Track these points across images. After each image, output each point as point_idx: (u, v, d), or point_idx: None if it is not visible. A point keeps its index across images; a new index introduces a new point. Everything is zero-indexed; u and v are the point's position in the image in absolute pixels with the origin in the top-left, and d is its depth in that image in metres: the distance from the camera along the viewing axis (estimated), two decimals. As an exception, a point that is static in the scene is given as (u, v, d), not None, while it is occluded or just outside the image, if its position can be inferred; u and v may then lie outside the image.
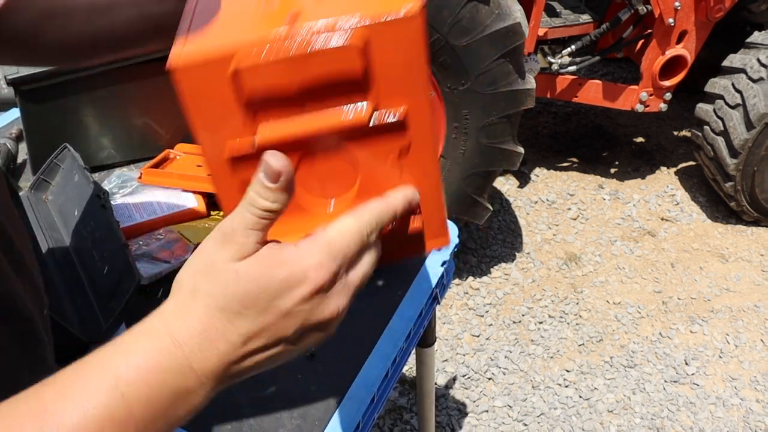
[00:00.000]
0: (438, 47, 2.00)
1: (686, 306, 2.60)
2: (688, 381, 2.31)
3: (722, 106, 2.72)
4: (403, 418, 2.15)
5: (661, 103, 2.86)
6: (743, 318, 2.54)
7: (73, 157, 1.24)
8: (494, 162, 2.25)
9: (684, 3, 2.60)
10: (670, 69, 2.76)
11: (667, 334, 2.47)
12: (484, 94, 2.10)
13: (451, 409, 2.19)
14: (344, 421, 0.91)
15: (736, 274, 2.73)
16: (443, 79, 2.08)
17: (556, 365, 2.35)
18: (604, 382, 2.30)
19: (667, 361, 2.37)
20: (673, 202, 3.10)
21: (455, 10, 1.93)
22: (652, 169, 3.31)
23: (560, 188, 3.16)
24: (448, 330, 2.45)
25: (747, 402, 2.25)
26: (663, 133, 3.57)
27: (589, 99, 2.90)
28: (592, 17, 2.84)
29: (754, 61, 2.66)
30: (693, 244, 2.88)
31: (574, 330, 2.48)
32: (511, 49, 2.03)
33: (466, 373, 2.30)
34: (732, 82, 2.71)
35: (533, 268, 2.73)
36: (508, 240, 2.86)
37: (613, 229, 2.95)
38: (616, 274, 2.72)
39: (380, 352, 1.00)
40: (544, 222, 2.97)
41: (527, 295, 2.62)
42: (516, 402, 2.22)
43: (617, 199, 3.11)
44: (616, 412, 2.21)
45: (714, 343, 2.45)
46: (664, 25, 2.64)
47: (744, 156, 2.68)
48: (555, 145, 3.45)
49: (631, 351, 2.40)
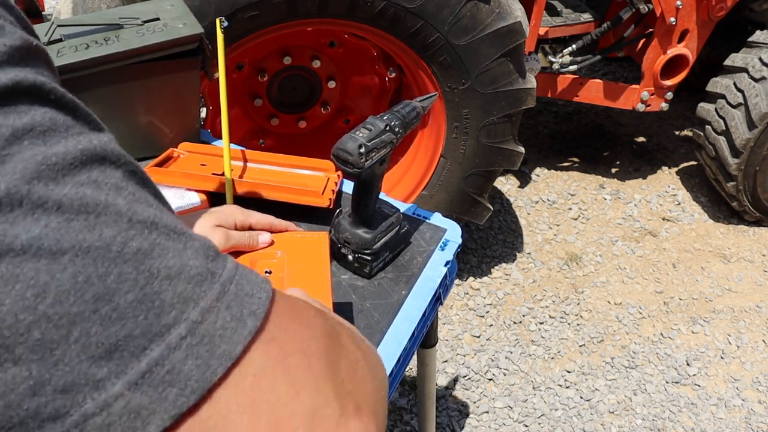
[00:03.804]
0: (438, 46, 1.99)
1: (688, 306, 2.59)
2: (689, 382, 2.31)
3: (724, 105, 2.71)
4: (403, 419, 2.14)
5: (663, 103, 2.85)
6: (745, 318, 2.54)
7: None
8: (495, 162, 2.25)
9: (685, 2, 2.59)
10: (672, 68, 2.76)
11: (668, 334, 2.47)
12: (485, 93, 2.09)
13: (452, 410, 2.19)
14: (347, 422, 0.90)
15: (738, 275, 2.73)
16: (443, 79, 2.07)
17: (556, 366, 2.34)
18: (605, 382, 2.29)
19: (668, 362, 2.37)
20: (674, 202, 3.10)
21: (455, 9, 1.92)
22: (653, 168, 3.31)
23: (561, 188, 3.15)
24: (448, 330, 2.44)
25: (749, 403, 2.24)
26: (664, 132, 3.56)
27: (590, 98, 2.89)
28: (593, 16, 2.83)
29: (755, 60, 2.66)
30: (694, 245, 2.87)
31: (575, 330, 2.47)
32: (512, 48, 2.02)
33: (466, 373, 2.29)
34: (734, 82, 2.70)
35: (534, 269, 2.73)
36: (508, 240, 2.85)
37: (614, 229, 2.94)
38: (617, 275, 2.72)
39: (384, 353, 0.99)
40: (545, 222, 2.96)
41: (528, 295, 2.61)
42: (517, 403, 2.21)
43: (618, 199, 3.10)
44: (617, 413, 2.20)
45: (716, 344, 2.44)
46: (666, 24, 2.63)
47: (746, 156, 2.68)
48: (556, 145, 3.44)
49: (633, 352, 2.40)
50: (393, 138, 1.04)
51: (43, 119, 0.32)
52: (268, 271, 0.94)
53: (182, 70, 1.31)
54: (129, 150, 0.39)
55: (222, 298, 0.35)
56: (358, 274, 1.12)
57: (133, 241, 0.33)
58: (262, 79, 2.33)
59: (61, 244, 0.30)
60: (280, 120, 2.46)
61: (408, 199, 2.30)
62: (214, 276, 0.35)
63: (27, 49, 0.34)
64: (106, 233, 0.32)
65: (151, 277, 0.33)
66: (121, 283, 0.32)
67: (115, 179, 0.34)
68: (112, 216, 0.32)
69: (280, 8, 1.85)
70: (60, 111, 0.34)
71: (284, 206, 1.20)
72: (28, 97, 0.32)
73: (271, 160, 1.36)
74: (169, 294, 0.33)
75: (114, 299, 0.31)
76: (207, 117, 2.23)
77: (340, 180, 1.32)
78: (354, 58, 2.42)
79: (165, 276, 0.33)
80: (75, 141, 0.33)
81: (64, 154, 0.32)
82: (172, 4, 1.36)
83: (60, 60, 1.20)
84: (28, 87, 0.33)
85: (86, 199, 0.32)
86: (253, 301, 0.36)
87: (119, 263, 0.32)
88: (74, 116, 0.34)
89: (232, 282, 0.36)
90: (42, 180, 0.31)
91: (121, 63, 1.24)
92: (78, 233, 0.31)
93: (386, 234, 1.12)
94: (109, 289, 0.31)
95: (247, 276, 0.38)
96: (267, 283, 0.39)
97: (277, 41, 2.24)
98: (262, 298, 0.37)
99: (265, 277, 0.41)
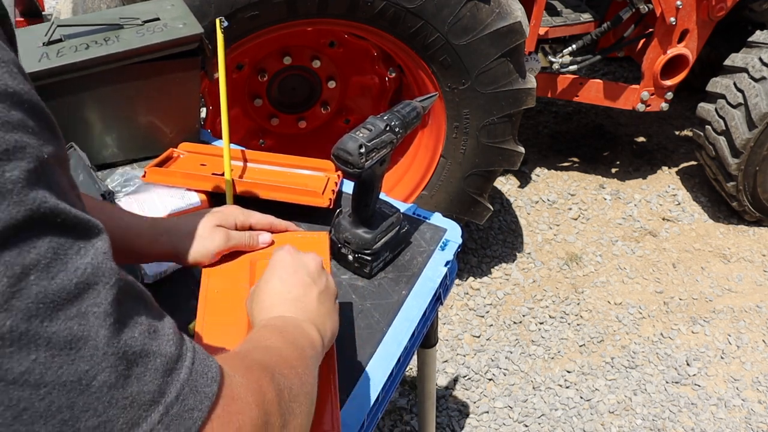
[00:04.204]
0: (438, 46, 1.99)
1: (688, 306, 2.59)
2: (689, 382, 2.31)
3: (724, 105, 2.71)
4: (403, 419, 2.14)
5: (663, 103, 2.85)
6: (745, 318, 2.54)
7: (79, 157, 1.23)
8: (495, 161, 2.25)
9: (685, 2, 2.59)
10: (672, 68, 2.76)
11: (668, 334, 2.47)
12: (485, 93, 2.09)
13: (452, 410, 2.19)
14: (348, 420, 0.90)
15: (738, 275, 2.73)
16: (443, 79, 2.07)
17: (556, 366, 2.34)
18: (605, 382, 2.29)
19: (668, 362, 2.37)
20: (674, 202, 3.10)
21: (455, 9, 1.92)
22: (653, 168, 3.31)
23: (561, 188, 3.15)
24: (448, 330, 2.44)
25: (749, 403, 2.24)
26: (664, 132, 3.56)
27: (590, 98, 2.89)
28: (593, 16, 2.83)
29: (755, 60, 2.66)
30: (694, 245, 2.87)
31: (575, 330, 2.47)
32: (512, 48, 2.02)
33: (466, 373, 2.29)
34: (734, 82, 2.70)
35: (534, 269, 2.73)
36: (508, 240, 2.85)
37: (614, 229, 2.94)
38: (617, 275, 2.72)
39: (384, 353, 0.99)
40: (545, 222, 2.96)
41: (528, 295, 2.61)
42: (517, 403, 2.21)
43: (618, 199, 3.10)
44: (617, 413, 2.20)
45: (716, 344, 2.44)
46: (666, 24, 2.63)
47: (746, 156, 2.68)
48: (556, 145, 3.44)
49: (633, 352, 2.40)
50: (393, 138, 1.04)
51: (47, 250, 0.38)
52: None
53: (182, 70, 1.31)
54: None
55: (163, 420, 0.42)
56: (358, 274, 1.12)
57: (101, 374, 0.39)
58: (262, 79, 2.33)
59: (43, 379, 0.37)
60: (280, 120, 2.46)
61: (408, 199, 2.30)
62: (163, 397, 0.43)
63: (43, 166, 0.40)
64: (81, 368, 0.38)
65: (109, 407, 0.39)
66: (85, 412, 0.38)
67: (104, 306, 0.40)
68: (89, 350, 0.39)
69: (280, 8, 1.85)
70: (63, 234, 0.40)
71: (284, 206, 1.20)
72: (37, 228, 0.38)
73: (271, 160, 1.36)
74: (120, 421, 0.40)
75: (77, 425, 0.38)
76: (207, 117, 2.23)
77: (340, 180, 1.32)
78: (354, 58, 2.42)
79: (120, 405, 0.40)
80: (74, 266, 0.39)
81: (60, 291, 0.38)
82: (172, 4, 1.36)
83: (60, 60, 1.20)
84: (40, 217, 0.38)
85: (72, 335, 0.38)
86: (194, 416, 0.44)
87: (86, 395, 0.38)
88: (75, 235, 0.40)
89: (177, 400, 0.43)
90: (39, 317, 0.37)
91: (121, 63, 1.24)
92: (58, 368, 0.37)
93: (386, 234, 1.12)
94: (74, 416, 0.38)
95: (195, 384, 0.45)
96: (214, 383, 0.47)
97: (277, 41, 2.24)
98: (203, 409, 0.45)
99: (215, 364, 0.49)
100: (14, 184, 0.37)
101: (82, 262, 0.40)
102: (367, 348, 0.99)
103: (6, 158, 0.38)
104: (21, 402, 0.36)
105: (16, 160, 0.38)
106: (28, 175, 0.38)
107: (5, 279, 0.36)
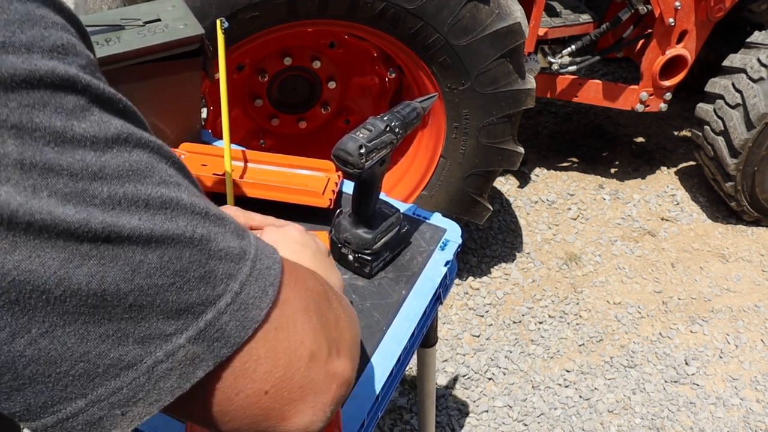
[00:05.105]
0: (438, 47, 2.00)
1: (686, 306, 2.60)
2: (688, 381, 2.31)
3: (722, 105, 2.72)
4: (403, 419, 2.15)
5: (662, 103, 2.86)
6: (743, 318, 2.55)
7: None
8: (494, 162, 2.25)
9: (684, 3, 2.60)
10: (671, 69, 2.76)
11: (667, 334, 2.47)
12: (485, 93, 2.10)
13: (451, 409, 2.19)
14: (349, 419, 0.90)
15: (737, 274, 2.74)
16: (443, 79, 2.08)
17: (556, 365, 2.35)
18: (605, 382, 2.30)
19: (667, 361, 2.37)
20: (673, 202, 3.10)
21: (455, 10, 1.92)
22: (652, 169, 3.32)
23: (560, 188, 3.16)
24: (448, 330, 2.45)
25: (747, 402, 2.25)
26: (663, 133, 3.57)
27: (589, 99, 2.90)
28: (592, 17, 2.84)
29: (754, 60, 2.66)
30: (693, 244, 2.88)
31: (574, 330, 2.48)
32: (511, 49, 2.03)
33: (466, 373, 2.30)
34: (732, 82, 2.71)
35: (533, 268, 2.73)
36: (508, 240, 2.86)
37: (613, 229, 2.95)
38: (617, 274, 2.72)
39: (384, 352, 1.00)
40: (545, 222, 2.97)
41: (527, 295, 2.62)
42: (516, 402, 2.22)
43: (617, 199, 3.11)
44: (616, 413, 2.21)
45: (714, 343, 2.45)
46: (665, 24, 2.64)
47: (744, 156, 2.69)
48: (555, 145, 3.45)
49: (632, 351, 2.40)
50: (393, 138, 1.04)
51: (122, 126, 0.41)
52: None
53: (183, 71, 1.32)
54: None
55: (252, 272, 0.46)
56: (359, 274, 1.13)
57: (197, 228, 0.43)
58: (263, 80, 2.34)
59: (152, 233, 0.40)
60: (280, 120, 2.47)
61: (408, 199, 2.31)
62: (246, 254, 0.46)
63: (92, 64, 0.43)
64: (181, 223, 0.42)
65: (210, 258, 0.43)
66: (192, 263, 0.42)
67: (174, 177, 0.44)
68: (181, 209, 0.42)
69: (281, 9, 1.85)
70: (126, 117, 0.43)
71: (284, 206, 1.21)
72: (107, 110, 0.41)
73: (272, 161, 1.37)
74: (220, 271, 0.44)
75: (186, 275, 0.42)
76: (208, 117, 2.24)
77: (341, 180, 1.33)
78: (354, 58, 2.43)
79: (218, 257, 0.44)
80: (144, 140, 0.42)
81: (138, 161, 0.41)
82: (173, 5, 1.37)
83: (62, 61, 1.20)
84: (105, 100, 0.41)
85: (163, 197, 0.41)
86: (271, 274, 0.47)
87: (190, 247, 0.42)
88: (133, 120, 0.43)
89: (257, 259, 0.47)
90: (131, 182, 0.40)
91: (122, 64, 1.24)
92: (162, 224, 0.41)
93: (386, 234, 1.12)
94: (184, 267, 0.41)
95: (264, 251, 0.48)
96: (277, 254, 0.50)
97: (277, 42, 2.25)
98: (277, 270, 0.48)
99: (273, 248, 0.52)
100: (76, 77, 0.40)
101: (149, 138, 0.43)
102: (367, 347, 1.00)
103: (64, 52, 0.40)
104: (135, 256, 0.39)
105: (73, 56, 0.40)
106: (84, 71, 0.41)
107: (91, 153, 0.39)
